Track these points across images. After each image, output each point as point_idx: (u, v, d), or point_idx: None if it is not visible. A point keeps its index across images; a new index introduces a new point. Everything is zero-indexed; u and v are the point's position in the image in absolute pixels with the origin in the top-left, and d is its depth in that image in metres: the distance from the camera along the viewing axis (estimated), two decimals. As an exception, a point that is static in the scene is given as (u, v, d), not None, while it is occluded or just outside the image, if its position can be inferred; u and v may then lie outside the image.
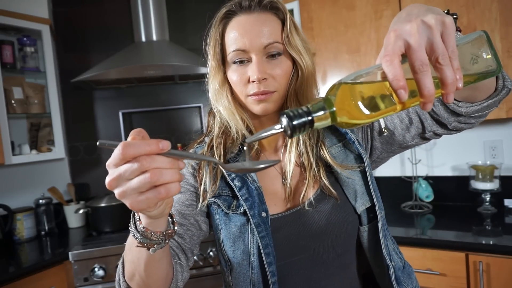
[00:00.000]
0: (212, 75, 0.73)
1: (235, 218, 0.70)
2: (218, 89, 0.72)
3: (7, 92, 1.94)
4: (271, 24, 0.68)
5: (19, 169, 2.14)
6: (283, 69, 0.69)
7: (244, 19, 0.68)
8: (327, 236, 0.70)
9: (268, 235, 0.67)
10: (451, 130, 0.67)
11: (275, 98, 0.69)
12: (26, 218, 2.01)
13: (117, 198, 0.41)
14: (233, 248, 0.70)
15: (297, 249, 0.70)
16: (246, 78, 0.68)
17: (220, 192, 0.73)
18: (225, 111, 0.73)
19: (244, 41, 0.67)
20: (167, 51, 2.18)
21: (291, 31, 0.68)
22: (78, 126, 2.39)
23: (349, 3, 1.89)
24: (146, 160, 0.39)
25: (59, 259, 1.70)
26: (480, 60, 0.43)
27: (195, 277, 1.78)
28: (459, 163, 1.98)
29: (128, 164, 0.39)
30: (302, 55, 0.69)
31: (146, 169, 0.39)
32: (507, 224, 1.61)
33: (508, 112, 1.58)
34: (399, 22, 0.40)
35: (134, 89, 2.45)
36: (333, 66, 1.96)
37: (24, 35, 2.06)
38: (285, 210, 0.72)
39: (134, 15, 2.25)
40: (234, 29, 0.68)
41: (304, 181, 0.72)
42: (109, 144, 0.41)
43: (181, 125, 2.51)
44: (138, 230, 0.50)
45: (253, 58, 0.67)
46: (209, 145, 0.76)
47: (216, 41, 0.71)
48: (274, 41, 0.67)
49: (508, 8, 1.55)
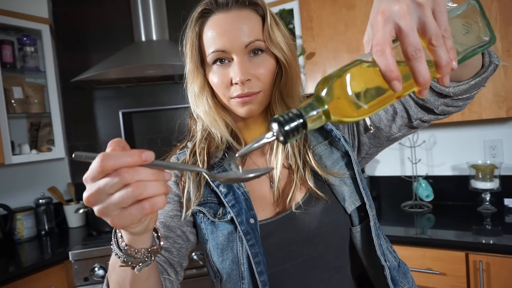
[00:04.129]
0: (190, 78, 0.69)
1: (222, 226, 0.67)
2: (198, 93, 0.69)
3: (7, 92, 1.94)
4: (251, 21, 0.64)
5: (19, 169, 2.14)
6: (267, 67, 0.65)
7: (221, 17, 0.64)
8: (319, 239, 0.67)
9: (258, 242, 0.64)
10: (438, 114, 0.64)
11: (260, 99, 0.66)
12: (26, 217, 2.01)
13: (97, 215, 0.37)
14: (221, 258, 0.66)
15: (289, 255, 0.66)
16: (228, 79, 0.64)
17: (205, 199, 0.69)
18: (206, 116, 0.69)
19: (223, 41, 0.63)
20: (167, 50, 2.18)
21: (271, 27, 0.65)
22: (78, 125, 2.39)
23: (349, 3, 1.89)
24: (128, 172, 0.35)
25: (59, 258, 1.70)
26: (472, 31, 0.40)
27: (195, 277, 1.79)
28: (459, 162, 1.98)
29: (108, 178, 0.35)
30: (284, 52, 0.66)
31: (128, 182, 0.35)
32: (507, 224, 1.61)
33: (508, 112, 1.58)
34: (385, 0, 0.36)
35: (134, 88, 2.45)
36: (333, 65, 1.96)
37: (24, 35, 2.06)
38: (274, 215, 0.69)
39: (134, 15, 2.25)
40: (211, 29, 0.64)
41: (291, 184, 0.69)
42: (86, 156, 0.37)
43: (180, 125, 2.50)
44: (120, 248, 0.46)
45: (234, 58, 0.63)
46: (191, 151, 0.72)
47: (193, 42, 0.66)
48: (255, 39, 0.63)
49: (508, 7, 1.55)
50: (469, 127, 1.95)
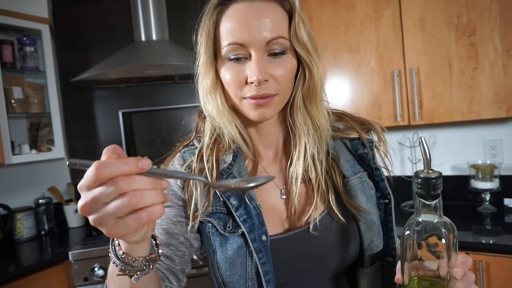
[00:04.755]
0: (203, 72, 0.63)
1: (232, 240, 0.62)
2: (210, 88, 0.63)
3: (7, 92, 1.94)
4: (276, 16, 0.58)
5: (19, 169, 2.14)
6: (287, 69, 0.59)
7: (243, 7, 0.57)
8: (331, 258, 0.64)
9: (269, 260, 0.60)
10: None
11: (276, 103, 0.60)
12: (26, 217, 2.01)
13: (92, 224, 0.36)
14: (229, 272, 0.63)
15: (299, 270, 0.64)
16: (243, 78, 0.58)
17: (214, 209, 0.64)
18: (217, 115, 0.64)
19: (242, 34, 0.56)
20: (167, 50, 2.18)
21: (299, 24, 0.59)
22: (78, 125, 2.39)
23: (349, 3, 1.89)
24: (124, 181, 0.34)
25: (59, 258, 1.70)
26: None
27: (195, 276, 1.78)
28: (459, 162, 1.98)
29: (104, 187, 0.34)
30: (310, 53, 0.60)
31: (125, 192, 0.34)
32: (507, 224, 1.61)
33: (508, 112, 1.58)
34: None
35: (134, 88, 2.45)
36: (333, 65, 1.96)
37: (24, 35, 2.06)
38: (285, 231, 0.65)
39: (134, 15, 2.25)
40: (230, 19, 0.58)
41: (309, 200, 0.65)
42: (80, 164, 0.36)
43: (181, 125, 2.50)
44: (118, 256, 0.44)
45: (252, 54, 0.57)
46: (199, 155, 0.66)
47: (209, 31, 0.60)
48: (279, 36, 0.57)
49: (508, 7, 1.55)
50: (469, 127, 1.95)
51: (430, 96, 1.74)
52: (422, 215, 0.46)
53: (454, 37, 1.67)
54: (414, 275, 0.47)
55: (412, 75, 1.76)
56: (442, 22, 1.69)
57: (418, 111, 1.77)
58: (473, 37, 1.63)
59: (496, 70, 1.59)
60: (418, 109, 1.77)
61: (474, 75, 1.64)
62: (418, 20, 1.74)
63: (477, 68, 1.63)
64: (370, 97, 1.89)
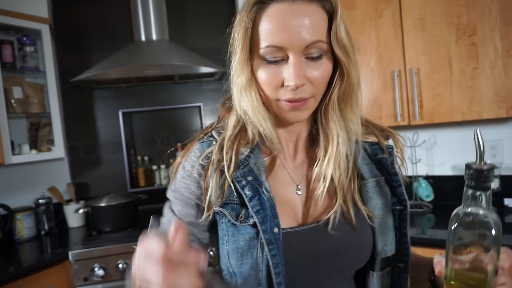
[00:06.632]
0: (238, 69, 0.61)
1: (243, 230, 0.63)
2: (245, 85, 0.61)
3: (7, 92, 1.94)
4: (316, 18, 0.56)
5: (19, 169, 2.14)
6: (323, 72, 0.59)
7: (284, 8, 0.56)
8: (343, 258, 0.64)
9: (280, 253, 0.60)
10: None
11: (310, 105, 0.61)
12: (26, 217, 2.01)
13: None
14: (240, 262, 0.63)
15: (308, 267, 0.64)
16: (280, 80, 0.58)
17: (228, 200, 0.64)
18: (252, 112, 0.63)
19: (282, 37, 0.55)
20: (167, 50, 2.18)
21: (339, 26, 0.58)
22: (78, 125, 2.39)
23: (349, 2, 1.88)
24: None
25: (59, 258, 1.70)
26: None
27: (195, 276, 1.78)
28: (459, 162, 1.98)
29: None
30: (349, 56, 0.60)
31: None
32: (507, 224, 1.61)
33: (508, 112, 1.58)
34: None
35: (134, 88, 2.45)
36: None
37: (24, 35, 2.06)
38: (299, 225, 0.65)
39: (134, 15, 2.25)
40: (270, 20, 0.56)
41: (327, 198, 0.66)
42: (156, 231, 0.41)
43: (181, 125, 2.51)
44: None
45: (290, 57, 0.57)
46: (220, 146, 0.66)
47: (247, 29, 0.58)
48: (318, 40, 0.56)
49: (508, 7, 1.55)
50: (469, 127, 1.95)
51: (430, 96, 1.74)
52: (471, 207, 0.46)
53: (454, 37, 1.67)
54: (454, 269, 0.48)
55: (412, 75, 1.76)
56: (442, 22, 1.69)
57: (418, 111, 1.77)
58: (473, 37, 1.63)
59: (496, 70, 1.59)
60: (418, 109, 1.77)
61: (474, 75, 1.64)
62: (418, 20, 1.74)
63: (477, 68, 1.63)
64: (370, 97, 1.89)
